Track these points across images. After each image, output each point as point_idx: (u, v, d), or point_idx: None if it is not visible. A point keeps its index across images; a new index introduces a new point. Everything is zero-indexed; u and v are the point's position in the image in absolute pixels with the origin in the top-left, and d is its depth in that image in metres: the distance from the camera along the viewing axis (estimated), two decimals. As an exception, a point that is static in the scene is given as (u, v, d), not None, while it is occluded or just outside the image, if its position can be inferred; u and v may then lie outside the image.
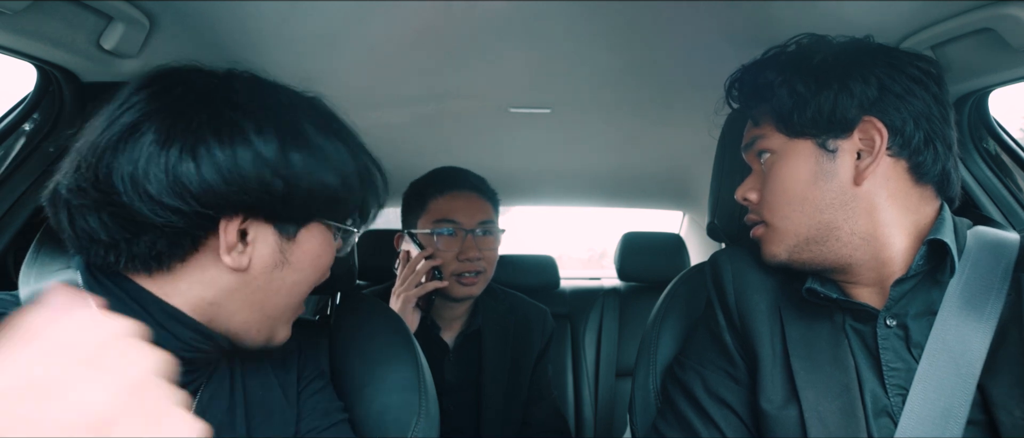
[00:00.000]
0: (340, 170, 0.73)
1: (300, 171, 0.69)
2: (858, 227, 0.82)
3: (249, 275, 0.71)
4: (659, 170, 2.28)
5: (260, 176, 0.67)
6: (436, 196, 1.56)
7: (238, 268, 0.69)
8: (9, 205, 1.06)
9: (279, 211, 0.70)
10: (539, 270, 2.45)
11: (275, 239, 0.72)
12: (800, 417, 0.82)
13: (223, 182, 0.65)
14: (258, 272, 0.71)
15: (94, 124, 0.67)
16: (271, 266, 0.72)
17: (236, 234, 0.68)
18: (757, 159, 0.91)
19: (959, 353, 0.77)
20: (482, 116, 1.70)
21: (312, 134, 0.71)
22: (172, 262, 0.68)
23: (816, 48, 0.85)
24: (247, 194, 0.66)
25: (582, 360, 2.31)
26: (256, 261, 0.71)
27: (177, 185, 0.64)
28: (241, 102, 0.69)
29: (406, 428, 0.98)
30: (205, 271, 0.69)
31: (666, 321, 1.13)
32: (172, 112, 0.66)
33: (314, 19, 1.08)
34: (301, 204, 0.71)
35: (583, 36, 1.16)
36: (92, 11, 0.94)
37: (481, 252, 1.54)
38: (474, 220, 1.54)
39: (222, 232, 0.68)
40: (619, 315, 2.36)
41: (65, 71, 1.05)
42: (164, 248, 0.67)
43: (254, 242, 0.70)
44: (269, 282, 0.73)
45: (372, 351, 1.05)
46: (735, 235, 1.10)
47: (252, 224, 0.70)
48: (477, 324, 1.63)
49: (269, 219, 0.71)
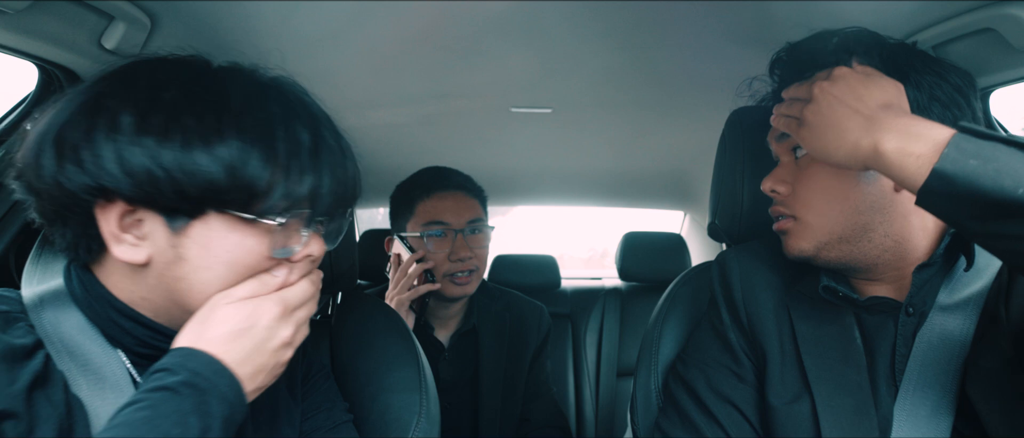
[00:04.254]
0: (224, 157, 0.63)
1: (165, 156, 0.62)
2: (892, 230, 0.82)
3: (156, 269, 0.66)
4: (660, 170, 2.28)
5: (120, 157, 0.62)
6: (423, 198, 1.56)
7: (132, 261, 0.65)
8: (11, 204, 1.06)
9: (160, 200, 0.64)
10: (540, 270, 2.45)
11: (164, 231, 0.65)
12: (812, 412, 0.82)
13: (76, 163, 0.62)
14: (161, 267, 0.66)
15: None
16: (169, 261, 0.66)
17: (117, 223, 0.65)
18: (791, 152, 0.89)
19: (949, 344, 0.78)
20: (483, 116, 1.70)
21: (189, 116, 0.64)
22: (94, 254, 0.68)
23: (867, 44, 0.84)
24: (107, 177, 0.62)
25: (583, 360, 2.31)
26: (156, 255, 0.66)
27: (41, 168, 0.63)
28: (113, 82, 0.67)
29: (407, 428, 0.98)
30: (121, 264, 0.67)
31: (667, 321, 1.13)
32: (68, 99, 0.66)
33: (314, 19, 1.08)
34: (175, 192, 0.63)
35: (584, 36, 1.16)
36: (93, 10, 0.94)
37: (472, 251, 1.54)
38: (463, 219, 1.54)
39: (99, 220, 0.64)
40: (620, 315, 2.36)
41: (66, 70, 1.05)
42: (71, 238, 0.67)
43: (150, 235, 0.65)
44: (177, 279, 0.66)
45: (373, 351, 1.05)
46: (736, 235, 1.10)
47: (142, 214, 0.65)
48: (472, 323, 1.64)
49: (152, 207, 0.65)
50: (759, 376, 0.91)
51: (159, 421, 0.57)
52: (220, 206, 0.65)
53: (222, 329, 0.64)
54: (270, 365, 0.68)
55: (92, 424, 0.65)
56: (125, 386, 0.68)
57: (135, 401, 0.59)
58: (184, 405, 0.59)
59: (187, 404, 0.59)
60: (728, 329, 0.95)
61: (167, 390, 0.59)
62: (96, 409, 0.66)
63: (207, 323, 0.65)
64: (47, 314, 0.68)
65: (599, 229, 5.66)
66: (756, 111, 1.06)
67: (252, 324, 0.66)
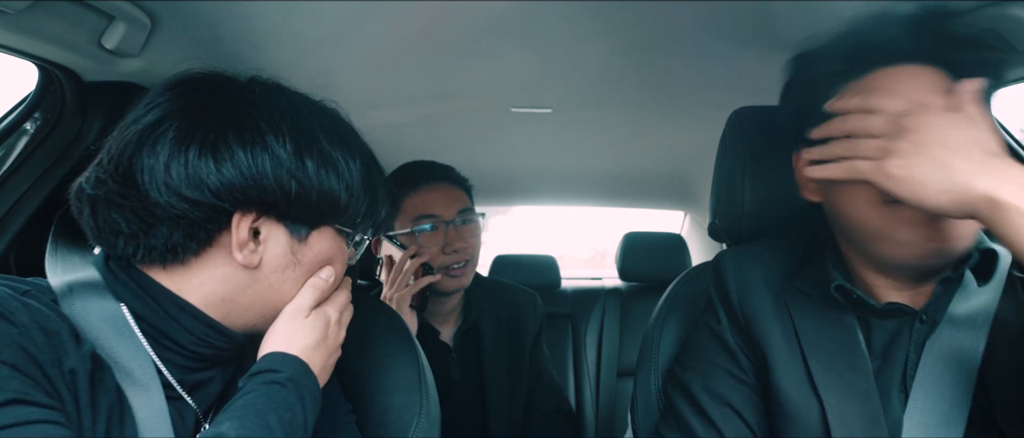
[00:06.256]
0: (347, 180, 0.76)
1: (312, 176, 0.73)
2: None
3: (260, 273, 0.73)
4: (660, 170, 2.28)
5: (276, 176, 0.70)
6: (410, 193, 1.53)
7: (248, 265, 0.72)
8: (11, 204, 1.06)
9: (291, 212, 0.73)
10: (540, 270, 2.45)
11: (287, 239, 0.74)
12: (822, 418, 0.81)
13: (240, 177, 0.69)
14: (269, 270, 0.74)
15: (121, 125, 0.71)
16: (282, 266, 0.74)
17: (248, 231, 0.71)
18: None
19: (960, 355, 0.77)
20: (484, 116, 1.70)
21: (324, 143, 0.75)
22: (186, 256, 0.71)
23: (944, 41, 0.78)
24: (262, 192, 0.70)
25: (583, 360, 2.31)
26: (267, 260, 0.73)
27: (195, 178, 0.67)
28: (260, 105, 0.72)
29: (407, 428, 0.98)
30: (218, 268, 0.72)
31: (668, 321, 1.13)
32: (193, 111, 0.70)
33: (315, 19, 1.08)
34: (312, 207, 0.74)
35: (584, 36, 1.16)
36: (94, 11, 0.94)
37: (465, 240, 1.52)
38: (453, 211, 1.53)
39: (235, 228, 0.70)
40: (620, 315, 2.36)
41: (67, 70, 1.05)
42: (179, 241, 0.69)
43: (266, 241, 0.73)
44: (281, 282, 0.75)
45: (373, 351, 1.05)
46: (737, 235, 1.10)
47: (265, 223, 0.72)
48: (472, 319, 1.63)
49: (281, 219, 0.73)
50: (759, 377, 0.90)
51: (275, 405, 0.69)
52: (331, 220, 0.77)
53: (308, 340, 0.76)
54: (330, 364, 0.80)
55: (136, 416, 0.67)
56: (151, 381, 0.69)
57: (250, 391, 0.69)
58: (290, 397, 0.70)
59: (292, 396, 0.71)
60: (725, 330, 0.93)
61: (276, 384, 0.70)
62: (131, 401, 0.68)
63: (295, 334, 0.76)
64: (77, 303, 0.69)
65: (600, 228, 5.67)
66: (756, 111, 1.06)
67: (325, 335, 0.78)
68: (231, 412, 0.67)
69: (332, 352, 0.80)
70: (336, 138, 0.76)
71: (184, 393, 0.73)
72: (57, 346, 0.60)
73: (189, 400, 0.74)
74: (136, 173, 0.68)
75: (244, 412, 0.67)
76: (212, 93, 0.72)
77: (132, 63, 1.08)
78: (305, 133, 0.74)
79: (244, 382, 0.71)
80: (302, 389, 0.72)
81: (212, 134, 0.69)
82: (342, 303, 0.83)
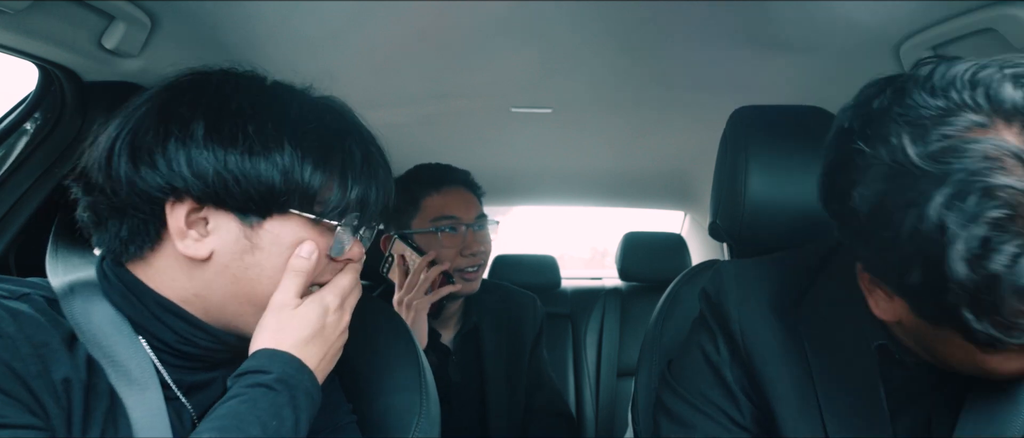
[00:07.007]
0: (281, 166, 0.70)
1: (236, 163, 0.68)
2: None
3: (218, 264, 0.70)
4: (660, 170, 2.28)
5: (196, 166, 0.67)
6: (431, 193, 1.54)
7: (195, 256, 0.69)
8: (11, 204, 1.06)
9: (227, 200, 0.69)
10: (540, 270, 2.45)
11: (237, 226, 0.70)
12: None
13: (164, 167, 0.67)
14: (227, 260, 0.70)
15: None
16: (239, 251, 0.70)
17: (185, 220, 0.68)
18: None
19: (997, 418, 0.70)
20: (484, 116, 1.70)
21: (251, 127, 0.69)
22: (143, 251, 0.70)
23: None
24: (183, 180, 0.67)
25: (583, 360, 2.31)
26: (220, 248, 0.70)
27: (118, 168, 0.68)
28: (184, 92, 0.71)
29: (407, 429, 0.98)
30: (176, 260, 0.70)
31: (668, 321, 1.13)
32: (137, 107, 0.71)
33: (315, 19, 1.08)
34: (249, 195, 0.69)
35: (584, 36, 1.16)
36: (94, 11, 0.94)
37: (481, 245, 1.55)
38: (471, 214, 1.54)
39: (169, 217, 0.68)
40: (620, 315, 2.36)
41: (67, 70, 1.05)
42: (126, 235, 0.70)
43: (215, 230, 0.70)
44: (246, 269, 0.71)
45: (373, 351, 1.05)
46: (737, 235, 1.10)
47: (210, 212, 0.69)
48: (473, 321, 1.63)
49: (224, 207, 0.69)
50: (760, 423, 0.81)
51: (259, 412, 0.64)
52: (282, 207, 0.71)
53: (301, 333, 0.71)
54: (331, 354, 0.76)
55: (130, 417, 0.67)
56: (149, 380, 0.69)
57: (235, 395, 0.66)
58: (279, 400, 0.66)
59: (282, 399, 0.67)
60: (724, 365, 0.83)
61: (263, 387, 0.66)
62: (126, 402, 0.67)
63: (284, 328, 0.71)
64: (78, 303, 0.69)
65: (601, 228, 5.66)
66: (757, 111, 1.06)
67: (322, 325, 0.74)
68: (211, 421, 0.64)
69: (332, 342, 0.75)
70: (272, 122, 0.71)
71: (180, 394, 0.73)
72: (45, 357, 0.60)
73: (185, 401, 0.73)
74: (90, 170, 0.70)
75: (224, 421, 0.64)
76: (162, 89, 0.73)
77: (132, 63, 1.08)
78: (230, 116, 0.69)
79: (231, 383, 0.68)
80: (294, 390, 0.68)
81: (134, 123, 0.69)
82: (344, 287, 0.77)
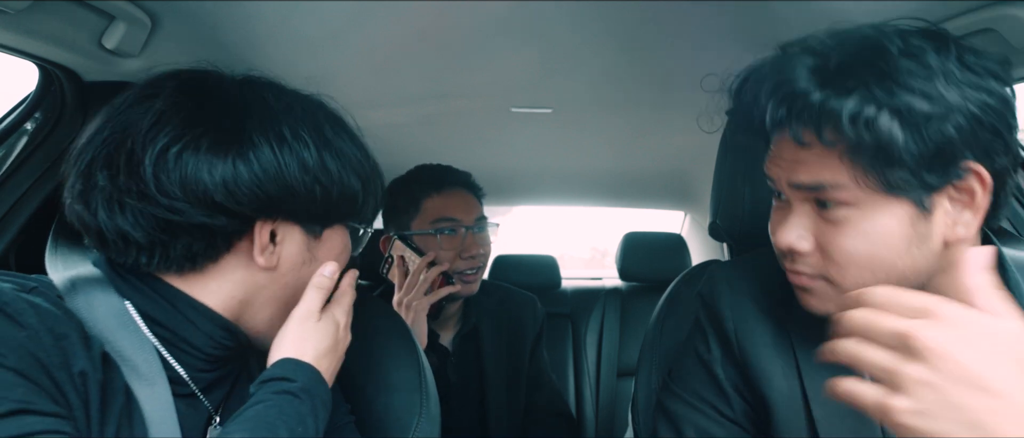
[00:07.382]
0: (360, 172, 0.76)
1: (334, 175, 0.73)
2: (938, 284, 0.70)
3: (278, 273, 0.74)
4: (661, 170, 2.28)
5: (304, 181, 0.71)
6: (432, 194, 1.54)
7: (269, 267, 0.72)
8: (11, 204, 1.06)
9: (312, 213, 0.74)
10: (540, 270, 2.45)
11: (302, 238, 0.75)
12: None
13: (271, 183, 0.69)
14: (286, 269, 0.74)
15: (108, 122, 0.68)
16: (298, 264, 0.75)
17: (269, 236, 0.71)
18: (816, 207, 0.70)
19: None
20: (483, 116, 1.70)
21: (333, 137, 0.74)
22: (205, 263, 0.70)
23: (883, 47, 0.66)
24: (292, 197, 0.70)
25: (583, 360, 2.31)
26: (284, 259, 0.74)
27: (229, 187, 0.67)
28: (275, 107, 0.72)
29: (407, 429, 0.98)
30: (235, 271, 0.72)
31: (668, 321, 1.13)
32: (206, 117, 0.68)
33: (315, 19, 1.08)
34: (331, 206, 0.75)
35: (584, 36, 1.16)
36: (94, 10, 0.94)
37: (481, 247, 1.55)
38: (472, 217, 1.54)
39: (257, 233, 0.70)
40: (620, 315, 2.36)
41: (67, 70, 1.05)
42: (200, 250, 0.69)
43: (283, 242, 0.73)
44: (298, 279, 0.75)
45: (373, 351, 1.05)
46: (738, 235, 1.10)
47: (281, 225, 0.73)
48: (472, 322, 1.63)
49: (296, 219, 0.74)
50: (754, 422, 0.83)
51: (286, 418, 0.66)
52: (342, 218, 0.78)
53: (321, 346, 0.74)
54: (335, 370, 0.78)
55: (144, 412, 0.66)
56: (156, 375, 0.68)
57: (262, 400, 0.67)
58: (303, 408, 0.68)
59: (305, 407, 0.68)
60: (716, 362, 0.85)
61: (289, 394, 0.68)
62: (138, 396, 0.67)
63: (307, 339, 0.74)
64: (81, 298, 0.68)
65: (601, 228, 5.66)
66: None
67: (336, 340, 0.77)
68: (241, 421, 0.66)
69: (340, 358, 0.79)
70: (340, 131, 0.76)
71: (197, 391, 0.73)
72: (66, 349, 0.59)
73: (202, 398, 0.74)
74: (163, 183, 0.65)
75: (255, 422, 0.65)
76: (218, 96, 0.70)
77: (132, 63, 1.08)
78: (317, 130, 0.73)
79: (256, 388, 0.69)
80: (315, 399, 0.70)
81: (237, 143, 0.67)
82: (348, 306, 0.82)
